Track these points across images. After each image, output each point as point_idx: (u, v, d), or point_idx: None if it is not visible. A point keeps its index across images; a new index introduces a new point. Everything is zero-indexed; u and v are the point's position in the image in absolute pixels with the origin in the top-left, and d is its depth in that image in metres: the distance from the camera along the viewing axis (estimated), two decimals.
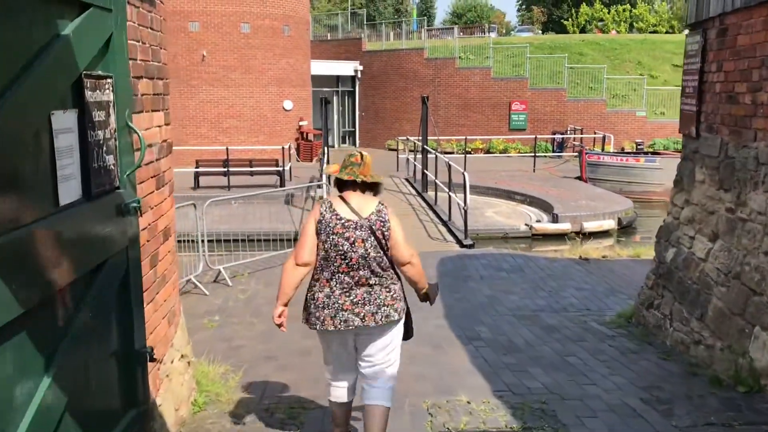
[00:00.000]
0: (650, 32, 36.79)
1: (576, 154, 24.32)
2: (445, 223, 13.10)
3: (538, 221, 15.36)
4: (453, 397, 4.75)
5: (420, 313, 6.10)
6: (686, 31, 6.33)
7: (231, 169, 18.00)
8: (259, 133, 24.08)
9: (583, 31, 42.98)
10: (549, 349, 5.98)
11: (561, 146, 25.44)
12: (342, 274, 3.56)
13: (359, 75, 30.19)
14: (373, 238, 3.56)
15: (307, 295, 3.69)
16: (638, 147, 24.42)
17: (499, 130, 26.40)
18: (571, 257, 10.80)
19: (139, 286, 3.28)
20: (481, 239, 12.95)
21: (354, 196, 3.65)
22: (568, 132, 25.68)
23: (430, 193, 16.16)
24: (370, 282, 3.57)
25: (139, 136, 3.22)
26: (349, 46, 30.97)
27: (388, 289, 3.62)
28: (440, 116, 26.01)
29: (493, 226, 14.85)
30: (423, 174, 16.49)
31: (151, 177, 3.60)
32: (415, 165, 18.37)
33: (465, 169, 13.23)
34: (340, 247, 3.53)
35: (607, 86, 26.78)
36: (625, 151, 23.73)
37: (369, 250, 3.54)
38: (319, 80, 29.99)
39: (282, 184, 18.07)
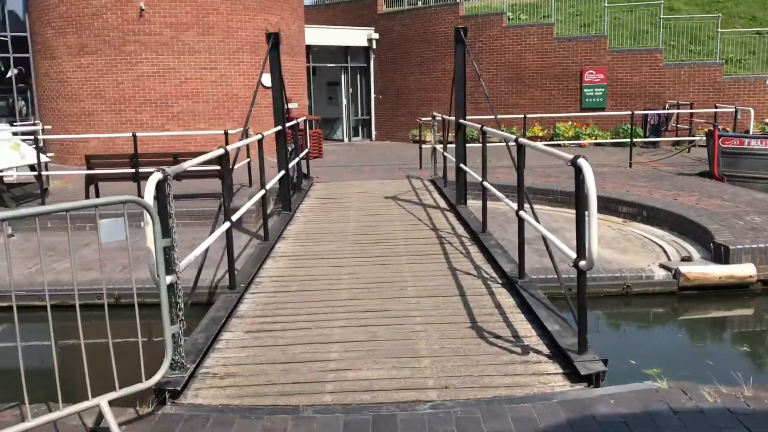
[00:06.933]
0: None
1: (685, 139, 16.76)
2: (515, 290, 5.55)
3: (686, 258, 7.92)
4: None
5: None
6: None
7: (142, 169, 10.98)
8: (228, 119, 17.01)
9: None
10: None
11: (656, 130, 17.80)
12: None
13: (374, 45, 22.94)
14: None
15: None
16: None
17: (567, 110, 18.85)
18: None
19: None
20: (575, 297, 5.55)
21: None
22: (668, 107, 17.99)
23: (473, 205, 8.85)
24: None
25: None
26: (360, 9, 23.69)
27: None
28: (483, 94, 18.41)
29: (597, 269, 7.47)
30: (458, 171, 9.00)
31: None
32: (445, 156, 10.96)
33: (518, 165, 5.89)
34: None
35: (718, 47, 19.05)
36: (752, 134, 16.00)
37: None
38: (321, 54, 22.85)
39: (227, 195, 10.95)
